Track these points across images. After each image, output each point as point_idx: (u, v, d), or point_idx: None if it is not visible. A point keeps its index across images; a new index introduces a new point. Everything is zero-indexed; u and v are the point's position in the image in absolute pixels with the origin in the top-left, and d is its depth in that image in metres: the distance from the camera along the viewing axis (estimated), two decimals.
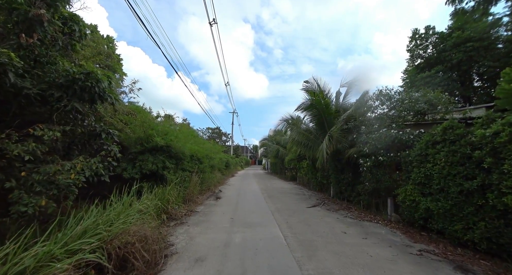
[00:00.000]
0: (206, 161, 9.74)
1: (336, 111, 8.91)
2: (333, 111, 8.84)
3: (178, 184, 6.75)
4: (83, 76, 3.70)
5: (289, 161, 14.98)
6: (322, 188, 10.51)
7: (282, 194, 10.10)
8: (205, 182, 10.56)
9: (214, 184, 12.53)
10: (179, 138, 6.79)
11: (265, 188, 12.50)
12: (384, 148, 5.38)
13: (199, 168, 8.95)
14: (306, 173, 12.66)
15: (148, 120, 6.51)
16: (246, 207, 7.31)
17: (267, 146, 23.05)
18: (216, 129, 40.57)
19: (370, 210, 6.58)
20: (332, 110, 8.88)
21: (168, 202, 5.75)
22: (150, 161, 6.14)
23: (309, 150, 9.06)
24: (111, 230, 3.10)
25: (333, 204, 7.99)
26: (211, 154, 11.45)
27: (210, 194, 9.87)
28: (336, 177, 8.33)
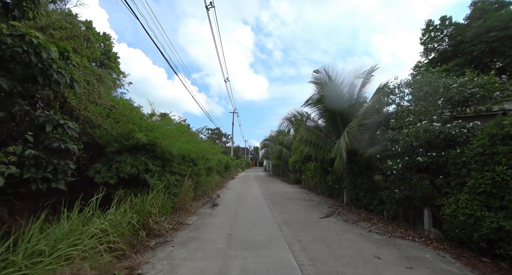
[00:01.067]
0: (201, 163, 8.59)
1: (351, 105, 7.75)
2: (347, 105, 7.68)
3: (164, 190, 5.60)
4: (11, 39, 2.56)
5: (294, 162, 13.82)
6: (333, 193, 9.33)
7: (288, 200, 8.93)
8: (201, 186, 9.40)
9: (212, 188, 11.37)
10: (167, 135, 5.64)
11: (267, 192, 11.32)
12: (424, 145, 4.21)
13: (193, 171, 7.80)
14: (313, 176, 11.48)
15: (129, 114, 5.36)
16: (247, 217, 6.13)
17: (269, 146, 21.88)
18: (216, 130, 39.39)
19: (398, 223, 5.40)
20: (346, 104, 7.72)
21: (149, 214, 4.59)
22: (128, 162, 4.99)
23: (319, 150, 7.90)
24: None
25: (349, 213, 6.81)
26: (208, 154, 10.30)
27: (207, 200, 8.71)
28: (351, 181, 7.15)
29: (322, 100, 8.21)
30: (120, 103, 5.42)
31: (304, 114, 8.92)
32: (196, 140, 8.67)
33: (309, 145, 7.95)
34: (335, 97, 7.74)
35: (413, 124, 4.62)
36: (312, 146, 7.88)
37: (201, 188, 9.41)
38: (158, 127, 5.64)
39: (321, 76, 7.81)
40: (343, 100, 7.88)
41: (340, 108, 7.67)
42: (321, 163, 9.83)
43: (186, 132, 9.44)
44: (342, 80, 7.88)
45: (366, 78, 7.77)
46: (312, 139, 7.68)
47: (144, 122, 5.52)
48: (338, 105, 7.70)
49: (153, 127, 5.57)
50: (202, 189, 9.46)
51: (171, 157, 5.63)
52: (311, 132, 7.78)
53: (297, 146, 9.71)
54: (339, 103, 7.69)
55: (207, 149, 10.52)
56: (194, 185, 8.16)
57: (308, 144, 7.96)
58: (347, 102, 7.89)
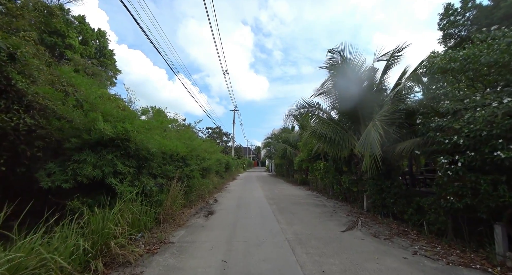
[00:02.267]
0: (194, 163, 7.31)
1: (373, 93, 6.43)
2: (369, 92, 6.37)
3: (142, 198, 4.33)
4: None
5: (300, 161, 12.51)
6: (348, 197, 8.02)
7: (296, 205, 7.62)
8: (195, 190, 8.14)
9: (209, 191, 10.10)
10: (143, 127, 4.36)
11: (272, 195, 10.02)
12: (505, 135, 2.90)
13: (184, 172, 6.53)
14: (323, 177, 10.16)
15: (91, 98, 4.08)
16: (248, 231, 4.85)
17: (272, 145, 20.59)
18: (217, 129, 38.08)
19: (447, 240, 4.09)
20: (367, 91, 6.41)
21: (113, 236, 3.30)
22: (90, 162, 3.73)
23: (335, 146, 6.59)
24: None
25: (374, 223, 5.50)
26: (204, 153, 9.02)
27: (201, 207, 7.44)
28: (376, 184, 5.84)
29: (337, 88, 6.90)
30: (84, 84, 4.14)
31: (315, 104, 7.61)
32: (189, 136, 7.39)
33: (323, 140, 6.63)
34: (353, 83, 6.42)
35: (480, 106, 3.30)
36: (326, 141, 6.56)
37: (196, 192, 8.14)
38: (132, 117, 4.35)
39: (336, 58, 6.50)
40: (363, 87, 6.57)
41: (360, 96, 6.34)
42: (334, 162, 8.52)
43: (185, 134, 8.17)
44: (361, 63, 6.56)
45: (390, 60, 6.44)
46: (327, 133, 6.36)
47: (112, 110, 4.23)
48: (357, 92, 6.38)
49: (126, 118, 4.28)
50: (196, 193, 8.19)
51: (149, 155, 4.35)
52: (325, 125, 6.46)
53: (306, 142, 8.43)
54: (359, 90, 6.37)
55: (202, 146, 9.24)
56: (186, 189, 6.90)
57: (321, 139, 6.64)
58: (367, 89, 6.56)
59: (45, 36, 21.50)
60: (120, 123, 4.08)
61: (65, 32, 21.63)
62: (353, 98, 6.50)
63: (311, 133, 6.75)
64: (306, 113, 7.27)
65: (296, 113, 8.09)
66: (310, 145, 9.09)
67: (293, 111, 7.61)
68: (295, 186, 14.25)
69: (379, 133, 4.44)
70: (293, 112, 7.61)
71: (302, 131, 15.84)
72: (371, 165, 4.63)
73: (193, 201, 7.69)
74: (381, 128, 4.48)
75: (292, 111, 7.62)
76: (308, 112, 7.30)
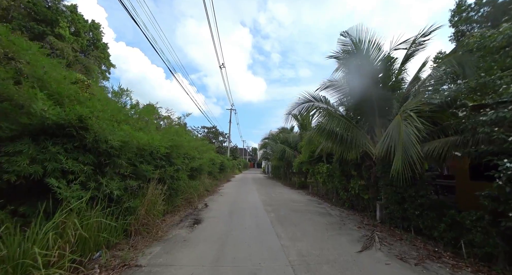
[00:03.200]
0: (181, 162, 6.29)
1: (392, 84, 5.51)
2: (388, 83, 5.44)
3: (105, 205, 3.31)
4: None
5: (300, 163, 11.54)
6: (356, 205, 7.06)
7: (298, 214, 6.64)
8: (182, 194, 7.11)
9: (200, 194, 9.07)
10: (105, 113, 3.34)
11: (269, 200, 9.02)
12: None
13: (167, 173, 5.50)
14: (327, 181, 9.21)
15: (39, 73, 3.05)
16: (241, 250, 3.84)
17: (270, 145, 19.60)
18: (213, 128, 36.98)
19: (497, 267, 3.15)
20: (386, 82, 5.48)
21: (40, 265, 2.27)
22: (27, 154, 2.71)
23: (345, 145, 5.64)
24: None
25: (393, 239, 4.55)
26: (194, 152, 8.00)
27: (188, 213, 6.41)
28: (395, 192, 4.89)
29: (348, 79, 5.97)
30: (30, 54, 3.10)
31: (321, 98, 6.65)
32: (174, 130, 6.36)
33: (332, 139, 5.67)
34: (368, 73, 5.49)
35: None
36: (335, 139, 5.60)
37: (182, 195, 7.11)
38: (92, 99, 3.33)
39: (348, 43, 5.57)
40: (379, 78, 5.64)
41: (376, 88, 5.41)
42: (340, 165, 7.56)
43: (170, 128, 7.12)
44: (378, 49, 5.64)
45: (413, 46, 5.53)
46: (337, 130, 5.40)
47: (69, 90, 3.20)
48: (372, 84, 5.45)
49: (84, 99, 3.25)
50: (183, 197, 7.16)
51: (112, 150, 3.31)
52: (336, 120, 5.48)
53: (310, 141, 7.43)
54: (374, 82, 5.44)
55: (193, 144, 8.22)
56: (170, 192, 5.88)
57: (329, 137, 5.68)
58: (384, 80, 5.64)
59: (33, 24, 20.33)
60: (74, 106, 3.06)
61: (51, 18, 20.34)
62: (367, 91, 5.56)
63: (318, 131, 5.78)
64: (310, 108, 6.28)
65: (296, 112, 7.06)
66: (313, 146, 8.14)
67: (295, 106, 6.63)
68: (293, 190, 13.27)
69: (416, 127, 3.48)
70: (296, 107, 6.63)
71: (302, 131, 14.91)
72: (404, 169, 3.62)
73: (178, 206, 6.66)
74: (417, 121, 3.52)
75: (295, 106, 6.65)
76: (313, 107, 6.33)
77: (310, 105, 6.42)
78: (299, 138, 14.63)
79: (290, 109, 6.81)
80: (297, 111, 6.71)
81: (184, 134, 6.94)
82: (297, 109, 6.66)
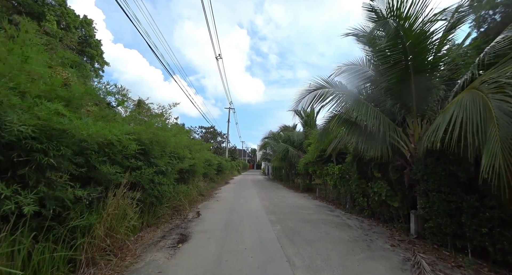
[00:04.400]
0: (165, 162, 5.05)
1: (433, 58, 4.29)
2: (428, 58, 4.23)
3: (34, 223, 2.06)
4: None
5: (306, 164, 10.30)
6: (377, 213, 5.85)
7: (309, 225, 5.40)
8: (169, 201, 5.87)
9: (193, 199, 7.83)
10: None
11: (272, 206, 7.78)
12: None
13: (144, 176, 4.26)
14: (338, 183, 7.99)
15: None
16: None
17: (270, 145, 18.37)
18: (211, 128, 35.74)
19: None
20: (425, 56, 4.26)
21: None
22: None
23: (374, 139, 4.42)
24: None
25: (448, 265, 3.33)
26: (184, 151, 6.76)
27: (175, 225, 5.17)
28: (446, 200, 3.66)
29: (374, 59, 4.76)
30: None
31: (337, 84, 5.44)
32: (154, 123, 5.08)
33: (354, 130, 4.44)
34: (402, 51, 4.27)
35: None
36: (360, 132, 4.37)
37: (169, 203, 5.86)
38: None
39: (378, 8, 4.35)
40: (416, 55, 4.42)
41: (413, 67, 4.19)
42: (358, 164, 6.33)
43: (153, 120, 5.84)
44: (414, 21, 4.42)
45: (457, 15, 4.34)
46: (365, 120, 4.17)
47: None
48: (407, 63, 4.23)
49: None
50: (170, 204, 5.91)
51: (29, 141, 2.05)
52: (363, 107, 4.22)
53: (321, 136, 6.21)
54: (414, 59, 4.21)
55: (183, 142, 6.97)
56: (151, 201, 4.65)
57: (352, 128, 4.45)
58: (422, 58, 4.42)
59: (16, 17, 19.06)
60: None
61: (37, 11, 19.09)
62: (401, 72, 4.33)
63: (337, 121, 4.54)
64: (325, 95, 5.06)
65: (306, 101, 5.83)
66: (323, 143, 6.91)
67: (305, 94, 5.41)
68: (297, 193, 12.03)
69: None
70: (306, 95, 5.41)
71: (307, 129, 13.69)
72: (504, 168, 2.29)
73: (163, 216, 5.41)
74: None
75: (305, 94, 5.43)
76: (328, 94, 5.11)
77: (324, 92, 5.20)
78: (303, 136, 13.41)
79: (300, 98, 5.59)
80: (308, 100, 5.48)
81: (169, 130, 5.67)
82: (308, 97, 5.44)
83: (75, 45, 16.78)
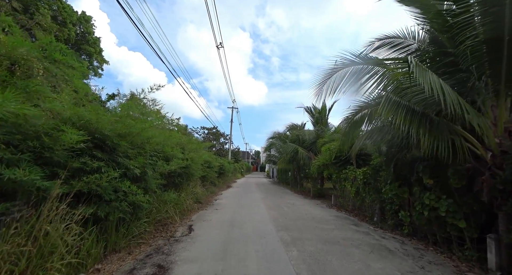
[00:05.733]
0: (137, 164, 3.72)
1: None
2: None
3: None
4: None
5: (321, 166, 8.89)
6: (419, 230, 4.42)
7: (337, 249, 4.01)
8: (151, 214, 4.54)
9: (187, 208, 6.49)
10: None
11: (282, 218, 6.39)
12: None
13: (104, 183, 2.92)
14: (363, 191, 6.58)
15: None
16: None
17: (276, 147, 16.97)
18: (213, 129, 34.45)
19: None
20: None
21: None
22: None
23: (439, 130, 3.01)
24: None
25: None
26: (173, 150, 5.44)
27: (156, 249, 3.82)
28: None
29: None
30: None
31: (374, 59, 4.07)
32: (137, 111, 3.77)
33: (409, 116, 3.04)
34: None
35: None
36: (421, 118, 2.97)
37: (151, 216, 4.52)
38: None
39: None
40: None
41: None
42: (396, 167, 4.90)
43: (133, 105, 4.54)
44: None
45: None
46: (440, 92, 2.74)
47: None
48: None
49: None
50: (152, 218, 4.56)
51: None
52: (425, 74, 2.78)
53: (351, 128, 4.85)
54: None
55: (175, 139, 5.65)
56: (115, 218, 3.32)
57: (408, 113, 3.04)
58: None
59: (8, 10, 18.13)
60: None
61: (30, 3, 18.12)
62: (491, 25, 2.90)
63: (386, 103, 3.13)
64: (362, 72, 3.70)
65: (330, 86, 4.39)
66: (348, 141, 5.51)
67: (332, 73, 4.04)
68: (308, 200, 10.59)
69: None
70: (333, 73, 4.04)
71: (320, 126, 12.27)
72: None
73: (140, 235, 4.06)
74: None
75: (331, 73, 4.06)
76: (364, 71, 3.74)
77: (359, 69, 3.82)
78: (314, 135, 11.97)
79: (324, 79, 4.21)
80: (335, 81, 4.10)
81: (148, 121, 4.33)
82: (335, 77, 4.07)
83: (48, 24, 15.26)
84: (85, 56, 28.36)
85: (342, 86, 3.82)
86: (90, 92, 3.48)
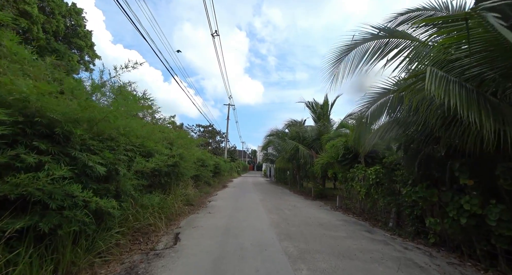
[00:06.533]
0: (100, 159, 2.88)
1: None
2: None
3: None
4: None
5: (325, 165, 8.13)
6: (451, 240, 3.68)
7: (354, 266, 3.25)
8: (124, 223, 3.72)
9: (175, 212, 5.67)
10: None
11: (284, 224, 5.61)
12: None
13: (39, 185, 2.09)
14: (374, 192, 5.84)
15: None
16: None
17: (274, 144, 16.21)
18: (209, 127, 33.55)
19: None
20: None
21: None
22: None
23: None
24: None
25: None
26: (157, 145, 4.62)
27: (127, 268, 2.99)
28: None
29: None
30: None
31: (400, 32, 3.32)
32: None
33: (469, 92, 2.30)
34: None
35: None
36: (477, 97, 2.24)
37: (126, 224, 3.69)
38: None
39: None
40: None
41: None
42: (421, 164, 4.15)
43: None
44: None
45: None
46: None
47: None
48: None
49: None
50: (128, 227, 3.73)
51: None
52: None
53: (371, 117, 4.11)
54: None
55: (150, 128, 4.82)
56: (68, 231, 2.49)
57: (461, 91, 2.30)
58: None
59: None
60: None
61: None
62: None
63: (431, 76, 2.35)
64: (384, 47, 2.94)
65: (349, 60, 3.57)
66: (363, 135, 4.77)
67: (352, 46, 3.27)
68: (310, 201, 9.84)
69: None
70: (353, 49, 3.28)
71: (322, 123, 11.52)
72: None
73: (110, 250, 3.23)
74: None
75: (351, 47, 3.28)
76: (388, 45, 3.00)
77: (384, 43, 3.06)
78: (317, 132, 11.20)
79: (340, 56, 3.44)
80: (356, 57, 3.34)
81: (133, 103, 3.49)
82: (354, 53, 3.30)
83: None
84: (76, 50, 27.18)
85: (365, 61, 3.04)
86: (31, 61, 2.62)
